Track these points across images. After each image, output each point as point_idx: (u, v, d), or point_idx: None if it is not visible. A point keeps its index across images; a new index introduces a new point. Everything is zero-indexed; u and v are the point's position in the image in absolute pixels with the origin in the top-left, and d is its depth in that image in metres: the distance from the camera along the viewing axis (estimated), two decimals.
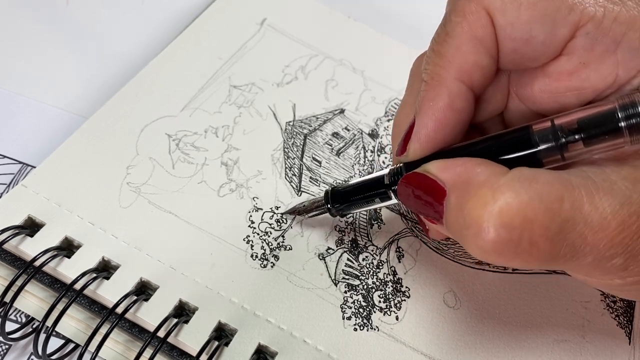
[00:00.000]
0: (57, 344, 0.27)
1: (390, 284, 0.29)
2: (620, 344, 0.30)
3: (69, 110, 0.36)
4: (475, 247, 0.19)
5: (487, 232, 0.18)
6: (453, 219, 0.20)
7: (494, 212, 0.18)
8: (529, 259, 0.19)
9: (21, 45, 0.39)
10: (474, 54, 0.21)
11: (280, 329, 0.27)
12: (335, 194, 0.27)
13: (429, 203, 0.21)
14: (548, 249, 0.18)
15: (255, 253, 0.29)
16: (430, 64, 0.22)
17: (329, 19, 0.42)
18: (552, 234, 0.18)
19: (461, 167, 0.20)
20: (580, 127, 0.19)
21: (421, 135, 0.22)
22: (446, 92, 0.22)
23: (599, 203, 0.18)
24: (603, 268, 0.19)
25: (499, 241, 0.18)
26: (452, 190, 0.20)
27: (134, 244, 0.28)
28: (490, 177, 0.19)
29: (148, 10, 0.43)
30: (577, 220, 0.18)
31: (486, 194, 0.19)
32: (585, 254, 0.19)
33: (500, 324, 0.29)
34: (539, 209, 0.18)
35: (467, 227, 0.19)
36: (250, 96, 0.36)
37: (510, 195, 0.18)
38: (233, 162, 0.32)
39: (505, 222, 0.18)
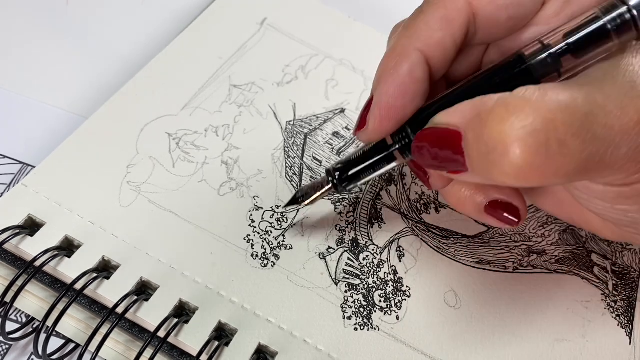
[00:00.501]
0: (58, 344, 0.27)
1: (391, 283, 0.29)
2: (621, 344, 0.30)
3: (69, 110, 0.36)
4: (507, 167, 0.18)
5: (514, 146, 0.18)
6: (475, 153, 0.19)
7: (514, 124, 0.18)
8: (564, 163, 0.18)
9: (21, 45, 0.39)
10: (440, 32, 0.22)
11: (281, 328, 0.27)
12: (339, 168, 0.26)
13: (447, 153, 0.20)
14: (579, 146, 0.18)
15: (256, 252, 0.29)
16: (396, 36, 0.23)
17: (329, 18, 0.42)
18: (577, 129, 0.18)
19: (467, 105, 0.20)
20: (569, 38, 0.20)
21: (381, 104, 0.22)
22: (406, 59, 0.22)
23: (609, 92, 0.18)
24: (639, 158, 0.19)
25: (529, 150, 0.18)
26: (467, 128, 0.20)
27: (134, 244, 0.28)
28: (499, 99, 0.19)
29: (148, 10, 0.43)
30: (596, 112, 0.18)
31: (500, 111, 0.18)
32: (618, 144, 0.18)
33: (501, 324, 0.29)
34: (556, 109, 0.18)
35: (492, 150, 0.18)
36: (251, 95, 0.36)
37: (524, 104, 0.18)
38: (233, 161, 0.32)
39: (528, 130, 0.18)
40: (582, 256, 0.33)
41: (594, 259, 0.33)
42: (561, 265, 0.32)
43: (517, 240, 0.33)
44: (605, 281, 0.32)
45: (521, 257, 0.32)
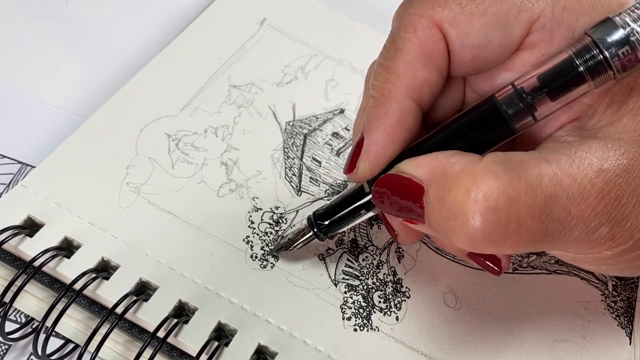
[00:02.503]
0: (57, 344, 0.27)
1: (390, 284, 0.29)
2: (621, 344, 0.30)
3: (69, 110, 0.36)
4: (464, 237, 0.19)
5: (474, 218, 0.18)
6: (436, 213, 0.20)
7: (479, 198, 0.18)
8: (519, 240, 0.19)
9: (21, 45, 0.39)
10: (423, 70, 0.21)
11: (280, 329, 0.27)
12: (318, 216, 0.26)
13: (407, 203, 0.21)
14: (536, 227, 0.18)
15: (255, 253, 0.29)
16: (379, 79, 0.22)
17: (328, 19, 0.42)
18: (538, 211, 0.18)
19: (434, 160, 0.20)
20: (543, 82, 0.20)
21: (371, 152, 0.22)
22: (396, 108, 0.22)
23: (576, 175, 0.18)
24: (591, 240, 0.19)
25: (488, 226, 0.18)
26: (430, 185, 0.20)
27: (133, 244, 0.28)
28: (466, 165, 0.19)
29: (148, 10, 0.43)
30: (559, 195, 0.18)
31: (466, 181, 0.18)
32: (571, 228, 0.19)
33: (501, 324, 0.29)
34: (521, 188, 0.18)
35: (453, 217, 0.19)
36: (250, 96, 0.36)
37: (491, 178, 0.18)
38: (233, 162, 0.32)
39: (490, 206, 0.18)
40: None
41: None
42: (560, 266, 0.32)
43: None
44: (605, 281, 0.32)
45: (520, 258, 0.32)
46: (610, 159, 0.19)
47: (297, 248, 0.28)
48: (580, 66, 0.19)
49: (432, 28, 0.21)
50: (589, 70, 0.19)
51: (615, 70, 0.18)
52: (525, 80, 0.20)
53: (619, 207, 0.19)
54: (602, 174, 0.18)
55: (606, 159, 0.19)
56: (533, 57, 0.21)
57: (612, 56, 0.18)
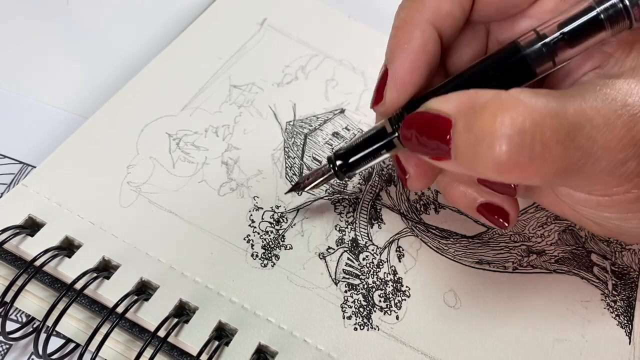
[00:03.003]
0: (58, 344, 0.27)
1: (391, 283, 0.29)
2: (621, 344, 0.30)
3: (69, 110, 0.36)
4: (491, 160, 0.19)
5: (500, 141, 0.18)
6: (463, 142, 0.20)
7: (505, 121, 0.18)
8: (544, 165, 0.19)
9: (21, 45, 0.39)
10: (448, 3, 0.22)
11: (281, 328, 0.27)
12: (339, 155, 0.26)
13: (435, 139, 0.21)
14: (560, 153, 0.19)
15: (256, 252, 0.29)
16: (404, 8, 0.23)
17: (329, 19, 0.42)
18: (562, 136, 0.18)
19: (463, 95, 0.20)
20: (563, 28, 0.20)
21: (397, 78, 0.22)
22: (419, 34, 0.22)
23: (600, 107, 0.19)
24: (619, 174, 0.19)
25: (513, 147, 0.18)
26: (458, 117, 0.20)
27: (134, 244, 0.28)
28: (494, 95, 0.19)
29: (148, 10, 0.43)
30: (583, 124, 0.19)
31: (493, 107, 0.19)
32: (598, 158, 0.19)
33: (500, 324, 0.29)
34: (546, 113, 0.18)
35: (480, 142, 0.19)
36: (251, 96, 0.36)
37: (517, 103, 0.19)
38: (233, 161, 0.32)
39: (517, 128, 0.18)
40: (582, 256, 0.33)
41: (594, 259, 0.33)
42: (561, 265, 0.32)
43: (516, 241, 0.33)
44: (605, 281, 0.32)
45: (520, 257, 0.32)
46: (634, 95, 0.19)
47: (318, 186, 0.28)
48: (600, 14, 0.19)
49: None
50: (609, 19, 0.19)
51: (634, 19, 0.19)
52: (546, 26, 0.21)
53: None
54: (626, 107, 0.19)
55: (630, 95, 0.19)
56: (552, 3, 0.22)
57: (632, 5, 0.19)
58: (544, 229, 0.33)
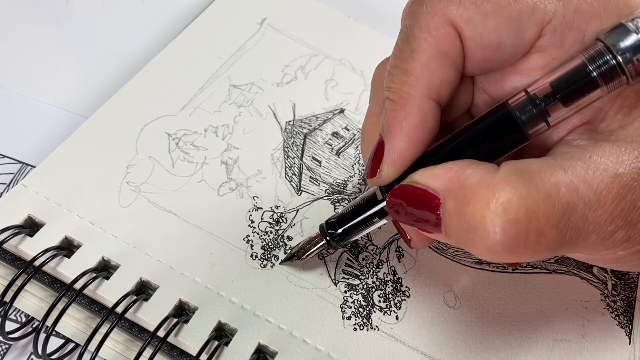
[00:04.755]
0: (57, 344, 0.27)
1: (391, 283, 0.29)
2: (621, 344, 0.30)
3: (69, 110, 0.36)
4: (485, 249, 0.19)
5: (494, 232, 0.18)
6: (455, 226, 0.20)
7: (499, 211, 0.18)
8: (539, 250, 0.19)
9: (21, 45, 0.39)
10: (442, 70, 0.21)
11: (281, 329, 0.27)
12: (331, 225, 0.26)
13: (423, 214, 0.21)
14: (555, 236, 0.19)
15: (256, 253, 0.29)
16: (396, 82, 0.22)
17: (329, 19, 0.42)
18: (557, 220, 0.18)
19: (450, 172, 0.20)
20: (556, 88, 0.20)
21: (394, 156, 0.22)
22: (417, 111, 0.21)
23: (592, 182, 0.19)
24: (607, 244, 0.20)
25: (508, 239, 0.18)
26: (448, 197, 0.20)
27: (134, 244, 0.28)
28: (484, 177, 0.19)
29: (148, 11, 0.43)
30: (577, 203, 0.18)
31: (486, 194, 0.18)
32: (589, 234, 0.19)
33: (500, 324, 0.29)
34: (539, 199, 0.18)
35: (473, 230, 0.19)
36: (251, 96, 0.36)
37: (509, 190, 0.18)
38: (233, 161, 0.32)
39: (511, 219, 0.18)
40: None
41: None
42: (560, 266, 0.32)
43: None
44: (605, 281, 0.32)
45: None
46: (625, 163, 0.19)
47: (309, 257, 0.27)
48: (593, 72, 0.19)
49: (447, 27, 0.21)
50: (602, 76, 0.19)
51: (630, 75, 0.18)
52: (538, 86, 0.20)
53: (635, 210, 0.19)
54: (618, 179, 0.19)
55: (621, 163, 0.19)
56: (542, 61, 0.21)
57: (626, 62, 0.18)
58: None
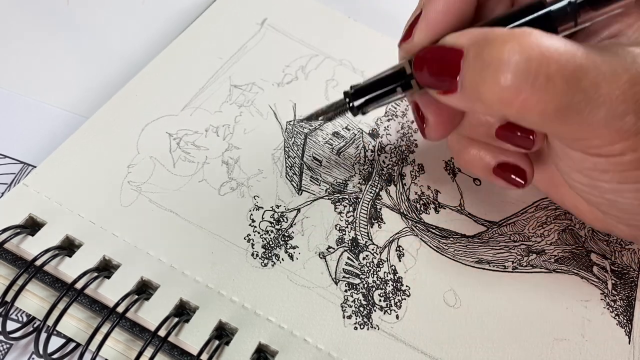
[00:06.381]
0: (58, 343, 0.27)
1: (391, 282, 0.29)
2: (620, 343, 0.30)
3: (70, 110, 0.36)
4: (495, 85, 0.19)
5: (506, 65, 0.19)
6: (471, 68, 0.20)
7: (514, 48, 0.19)
8: (546, 99, 0.19)
9: (21, 45, 0.39)
10: None
11: (281, 327, 0.27)
12: (357, 91, 0.26)
13: (445, 70, 0.21)
14: (563, 89, 0.19)
15: (256, 252, 0.29)
16: None
17: (329, 19, 0.42)
18: (568, 74, 0.19)
19: (477, 30, 0.21)
20: None
21: (430, 18, 0.23)
22: None
23: (609, 60, 0.19)
24: (616, 127, 0.20)
25: (519, 73, 0.19)
26: (470, 47, 0.20)
27: (134, 243, 0.28)
28: (507, 29, 0.20)
29: (148, 10, 0.43)
30: (590, 68, 0.19)
31: (506, 36, 0.19)
32: (599, 105, 0.19)
33: (500, 323, 0.29)
34: (555, 51, 0.19)
35: (487, 66, 0.19)
36: (251, 96, 0.36)
37: (529, 36, 0.19)
38: (234, 161, 0.32)
39: (524, 57, 0.19)
40: (581, 256, 0.33)
41: (593, 259, 0.33)
42: (560, 265, 0.32)
43: (516, 240, 0.33)
44: (605, 280, 0.32)
45: (520, 257, 0.32)
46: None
47: (330, 119, 0.28)
48: None
49: None
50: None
51: None
52: None
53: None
54: (635, 65, 0.19)
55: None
56: None
57: None
58: (544, 229, 0.33)
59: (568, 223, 0.34)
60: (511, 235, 0.33)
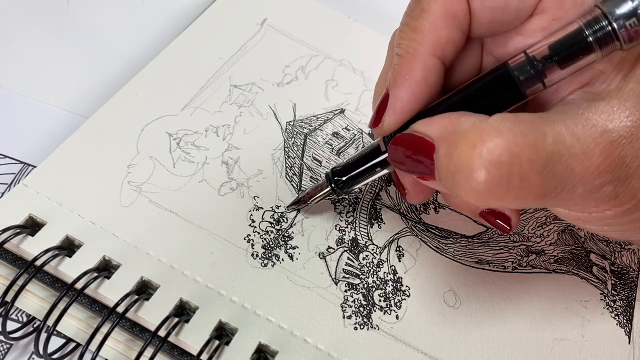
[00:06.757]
0: (58, 343, 0.27)
1: (391, 283, 0.29)
2: (620, 343, 0.30)
3: (70, 110, 0.36)
4: (469, 189, 0.20)
5: (478, 172, 0.19)
6: (444, 168, 0.20)
7: (483, 153, 0.19)
8: (522, 195, 0.19)
9: (22, 45, 0.39)
10: (447, 30, 0.22)
11: (281, 327, 0.27)
12: (336, 173, 0.28)
13: (419, 160, 0.22)
14: (538, 182, 0.19)
15: (256, 252, 0.29)
16: (405, 38, 0.23)
17: (329, 19, 0.42)
18: (540, 167, 0.19)
19: (445, 119, 0.21)
20: (553, 51, 0.20)
21: (396, 107, 0.23)
22: (421, 66, 0.23)
23: (579, 134, 0.19)
24: (595, 198, 0.20)
25: (491, 179, 0.19)
26: (440, 143, 0.21)
27: (134, 243, 0.28)
28: (475, 123, 0.20)
29: (148, 10, 0.43)
30: (562, 152, 0.19)
31: (473, 137, 0.19)
32: (575, 185, 0.19)
33: (500, 323, 0.29)
34: (524, 145, 0.19)
35: (458, 171, 0.20)
36: (251, 96, 0.36)
37: (496, 134, 0.19)
38: (234, 161, 0.33)
39: (494, 160, 0.19)
40: (581, 256, 0.33)
41: (593, 259, 0.33)
42: (560, 265, 0.32)
43: (516, 240, 0.33)
44: (604, 281, 0.32)
45: (520, 257, 0.32)
46: (615, 120, 0.19)
47: (314, 202, 0.30)
48: (589, 36, 0.19)
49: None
50: (597, 41, 0.19)
51: (622, 40, 0.19)
52: (537, 48, 0.21)
53: (623, 166, 0.19)
54: (606, 134, 0.19)
55: (611, 120, 0.19)
56: (544, 22, 0.22)
57: (620, 27, 0.19)
58: (543, 229, 0.33)
59: (567, 224, 0.34)
60: (511, 236, 0.33)
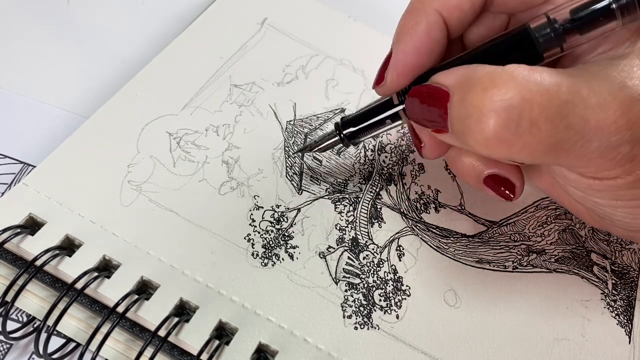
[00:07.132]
0: (58, 343, 0.27)
1: (391, 282, 0.29)
2: (620, 343, 0.30)
3: (70, 110, 0.36)
4: (478, 134, 0.19)
5: (488, 115, 0.19)
6: (456, 115, 0.20)
7: (494, 96, 0.19)
8: (531, 142, 0.19)
9: (22, 45, 0.39)
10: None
11: (281, 327, 0.27)
12: (346, 122, 0.28)
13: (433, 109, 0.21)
14: (549, 130, 0.19)
15: (256, 251, 0.29)
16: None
17: (329, 19, 0.42)
18: (551, 114, 0.18)
19: (462, 69, 0.21)
20: (574, 16, 0.20)
21: (398, 62, 0.23)
22: (424, 19, 0.23)
23: (596, 88, 0.19)
24: (611, 157, 0.19)
25: (500, 122, 0.19)
26: (455, 90, 0.21)
27: (134, 243, 0.28)
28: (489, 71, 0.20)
29: (148, 10, 0.43)
30: (576, 103, 0.18)
31: (486, 82, 0.19)
32: (590, 138, 0.19)
33: (500, 323, 0.29)
34: (537, 91, 0.18)
35: (469, 116, 0.19)
36: (251, 95, 0.36)
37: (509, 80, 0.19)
38: (234, 160, 0.32)
39: (504, 104, 0.18)
40: (582, 255, 0.33)
41: (594, 258, 0.33)
42: (561, 265, 0.32)
43: (516, 240, 0.33)
44: (605, 280, 0.32)
45: (520, 257, 0.32)
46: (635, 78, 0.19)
47: (322, 150, 0.30)
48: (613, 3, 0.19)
49: None
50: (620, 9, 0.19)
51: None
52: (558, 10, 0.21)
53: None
54: (625, 89, 0.18)
55: (631, 77, 0.19)
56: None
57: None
58: (544, 229, 0.33)
59: (568, 223, 0.34)
60: (511, 235, 0.33)
